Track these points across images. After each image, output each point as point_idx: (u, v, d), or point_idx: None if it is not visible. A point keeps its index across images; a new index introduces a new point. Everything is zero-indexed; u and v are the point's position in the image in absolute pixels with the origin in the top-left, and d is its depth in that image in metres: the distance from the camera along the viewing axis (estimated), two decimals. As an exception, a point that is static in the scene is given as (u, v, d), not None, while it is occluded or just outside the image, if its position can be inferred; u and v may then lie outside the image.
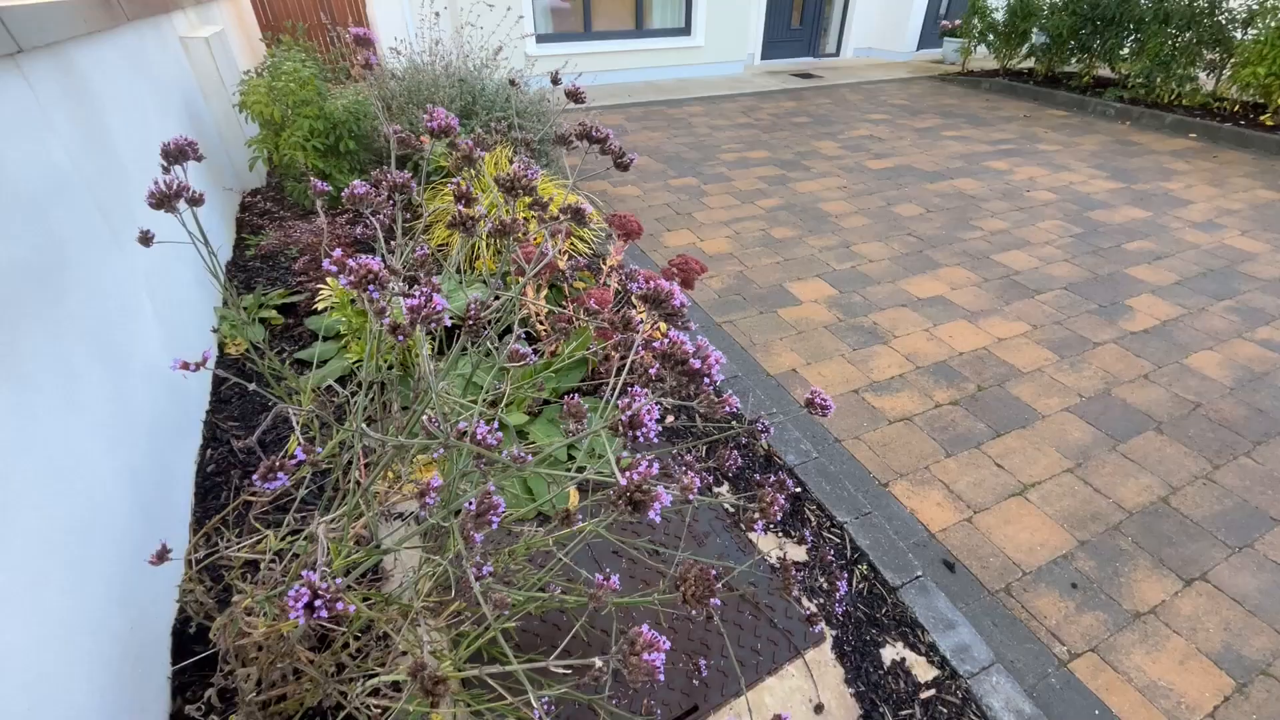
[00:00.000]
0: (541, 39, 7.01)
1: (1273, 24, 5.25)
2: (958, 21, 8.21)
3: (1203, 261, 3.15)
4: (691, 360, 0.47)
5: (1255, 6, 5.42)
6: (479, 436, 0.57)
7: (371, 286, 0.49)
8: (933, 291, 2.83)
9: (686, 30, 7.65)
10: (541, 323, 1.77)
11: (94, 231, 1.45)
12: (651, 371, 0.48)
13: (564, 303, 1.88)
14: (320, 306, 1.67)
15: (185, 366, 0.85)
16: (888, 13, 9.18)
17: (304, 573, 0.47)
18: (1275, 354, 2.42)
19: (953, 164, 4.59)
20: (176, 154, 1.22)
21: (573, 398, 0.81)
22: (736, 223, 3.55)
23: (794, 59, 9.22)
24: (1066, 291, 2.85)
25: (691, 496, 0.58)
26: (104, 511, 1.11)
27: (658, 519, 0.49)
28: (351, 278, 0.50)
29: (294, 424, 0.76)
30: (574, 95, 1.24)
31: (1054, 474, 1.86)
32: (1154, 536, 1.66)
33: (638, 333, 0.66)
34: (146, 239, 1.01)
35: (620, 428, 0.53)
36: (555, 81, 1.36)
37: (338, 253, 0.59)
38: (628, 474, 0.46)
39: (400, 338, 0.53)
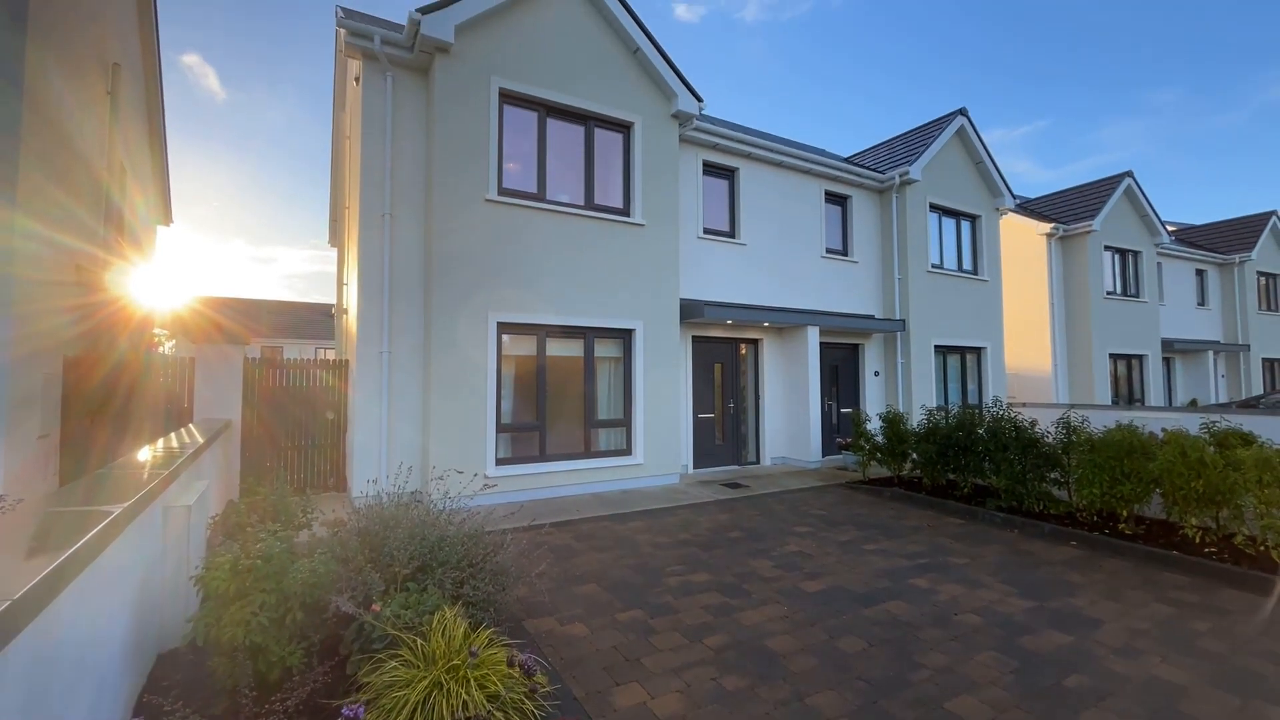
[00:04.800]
0: (501, 462, 7.97)
1: (1085, 453, 6.70)
2: (850, 439, 10.05)
3: (1143, 700, 3.20)
4: None
5: (1065, 441, 7.01)
6: None
7: None
8: (899, 763, 2.67)
9: (629, 451, 8.96)
10: None
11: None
12: None
13: None
14: None
15: None
16: (792, 431, 11.23)
17: None
18: (1268, 838, 2.26)
19: (880, 583, 4.94)
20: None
21: None
22: (687, 670, 3.48)
23: (722, 468, 10.66)
24: (1031, 753, 2.75)
25: None
26: None
27: None
28: None
29: None
30: (526, 669, 1.40)
31: None
32: None
33: None
34: None
35: None
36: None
37: None
38: None
39: None
